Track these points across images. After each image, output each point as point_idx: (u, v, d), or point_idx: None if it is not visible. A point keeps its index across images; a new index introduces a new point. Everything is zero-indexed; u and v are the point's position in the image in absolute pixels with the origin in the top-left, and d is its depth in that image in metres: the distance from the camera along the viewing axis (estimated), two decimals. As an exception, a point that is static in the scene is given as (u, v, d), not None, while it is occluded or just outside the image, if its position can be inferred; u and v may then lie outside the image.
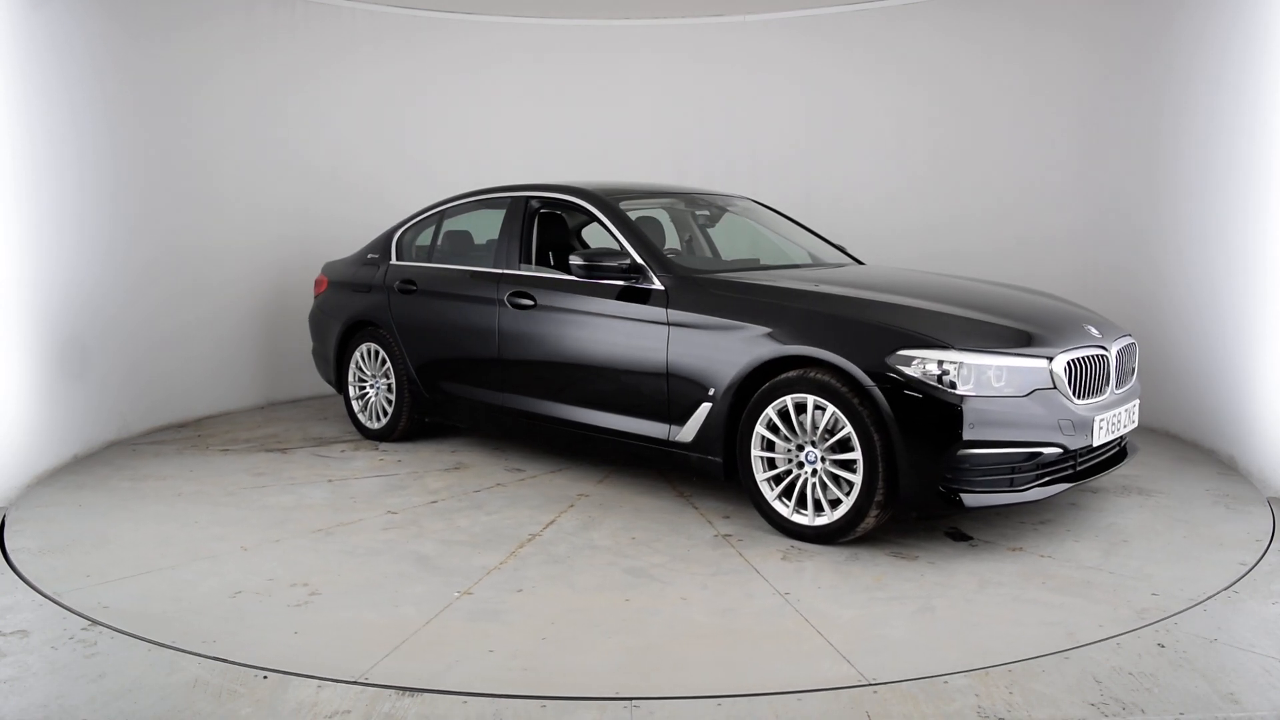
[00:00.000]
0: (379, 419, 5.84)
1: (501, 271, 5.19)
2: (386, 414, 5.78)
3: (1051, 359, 3.87)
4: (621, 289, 4.59)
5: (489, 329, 5.15)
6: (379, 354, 5.79)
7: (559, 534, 4.17)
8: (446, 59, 7.55)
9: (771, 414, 4.03)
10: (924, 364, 3.72)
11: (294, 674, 2.88)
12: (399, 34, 7.38)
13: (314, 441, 5.86)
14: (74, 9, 5.32)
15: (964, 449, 3.66)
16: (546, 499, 4.67)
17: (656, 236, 5.14)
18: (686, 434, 4.35)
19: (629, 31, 7.69)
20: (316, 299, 6.31)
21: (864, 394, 3.79)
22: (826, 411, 3.87)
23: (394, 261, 5.84)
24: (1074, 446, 3.87)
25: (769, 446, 4.07)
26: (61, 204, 5.21)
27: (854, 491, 3.82)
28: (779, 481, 4.07)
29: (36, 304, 4.96)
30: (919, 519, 4.22)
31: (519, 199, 5.32)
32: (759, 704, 2.73)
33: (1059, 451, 3.83)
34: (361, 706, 2.70)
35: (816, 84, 7.49)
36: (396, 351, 5.66)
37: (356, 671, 2.89)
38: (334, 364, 6.07)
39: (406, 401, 5.66)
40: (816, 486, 3.95)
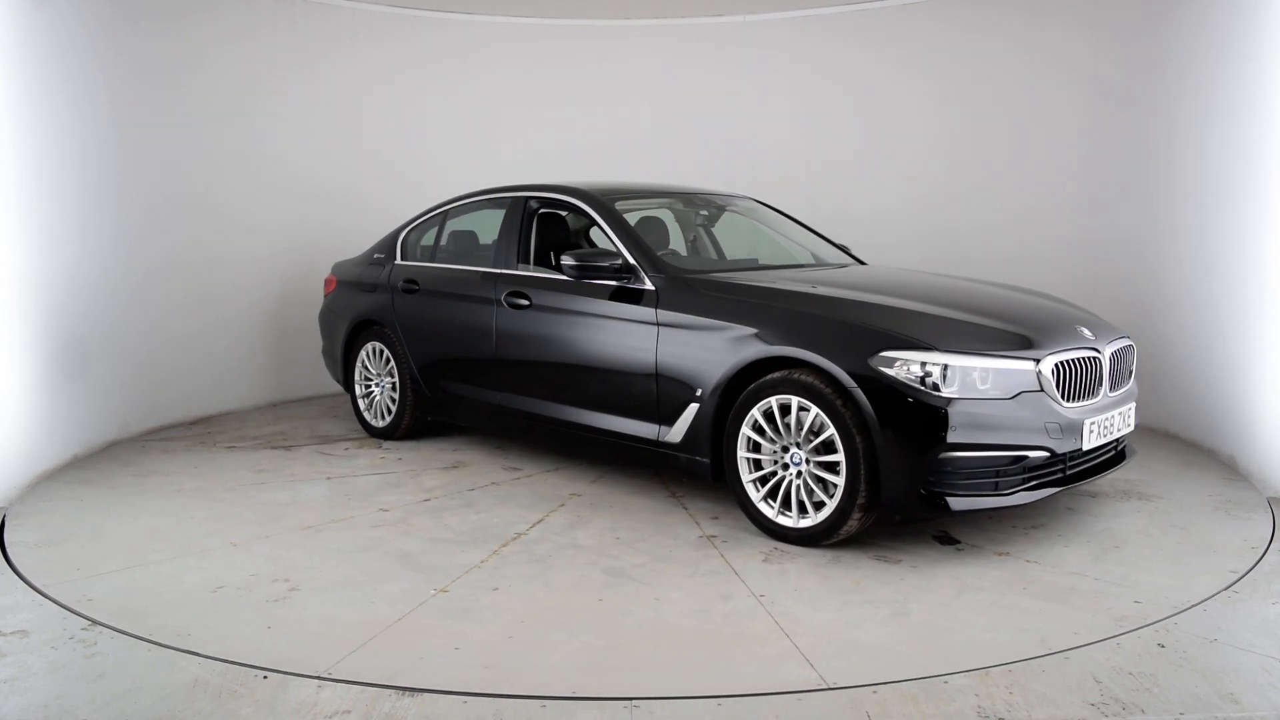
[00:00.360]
0: (383, 417, 5.90)
1: (499, 271, 5.22)
2: (391, 412, 5.84)
3: (1039, 361, 3.81)
4: (614, 289, 4.60)
5: (487, 329, 5.18)
6: (384, 353, 5.85)
7: (544, 533, 4.18)
8: (446, 59, 7.58)
9: (757, 415, 4.01)
10: (907, 365, 3.68)
11: (278, 671, 2.91)
12: (400, 34, 7.41)
13: (320, 439, 5.93)
14: (76, 8, 5.38)
15: (947, 451, 3.61)
16: (538, 498, 4.68)
17: (661, 236, 5.15)
18: (675, 434, 4.34)
19: (629, 31, 7.69)
20: (326, 298, 6.39)
21: (847, 395, 3.76)
22: (810, 413, 3.84)
23: (398, 261, 5.90)
24: (1062, 450, 3.80)
25: (755, 448, 4.05)
26: (63, 204, 5.27)
27: (837, 494, 3.79)
28: (765, 483, 4.05)
29: (38, 303, 5.01)
30: (908, 523, 4.17)
31: (519, 199, 5.34)
32: (759, 704, 2.72)
33: (1045, 455, 3.77)
34: (361, 706, 2.71)
35: (817, 84, 7.44)
36: (400, 350, 5.71)
37: (320, 667, 2.92)
38: (341, 363, 6.14)
39: (409, 400, 5.71)
40: (801, 488, 3.92)
